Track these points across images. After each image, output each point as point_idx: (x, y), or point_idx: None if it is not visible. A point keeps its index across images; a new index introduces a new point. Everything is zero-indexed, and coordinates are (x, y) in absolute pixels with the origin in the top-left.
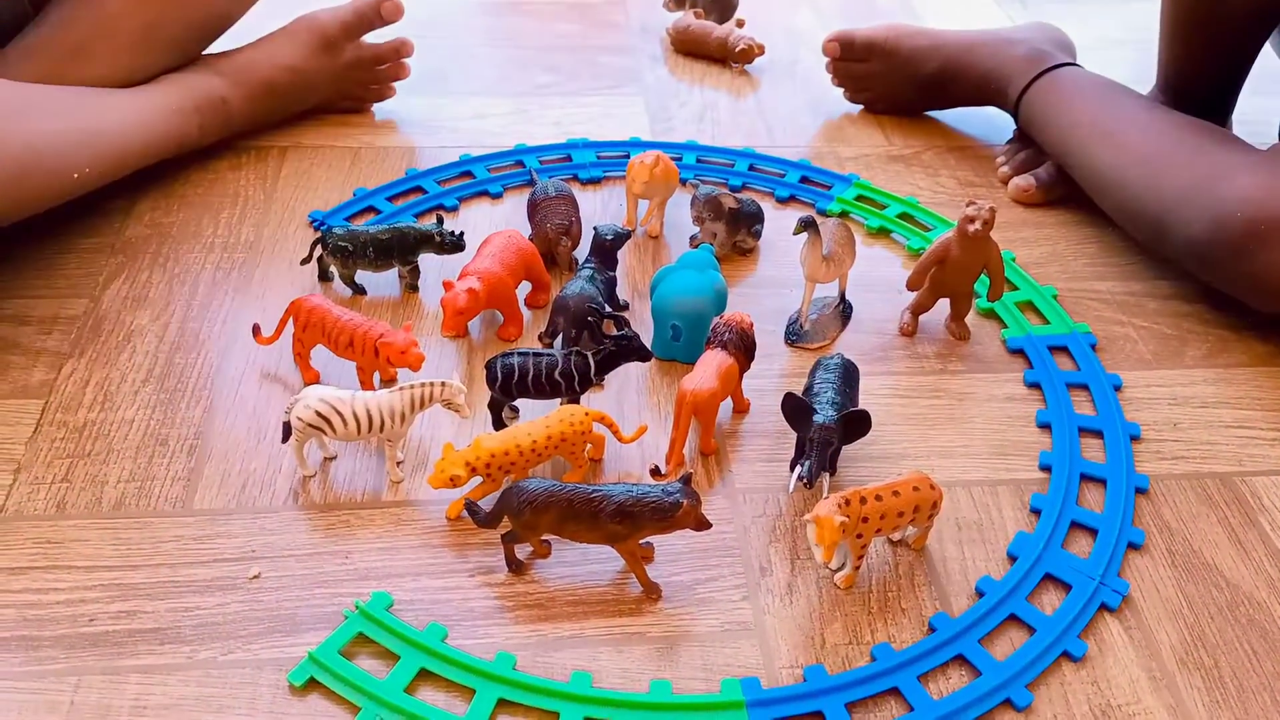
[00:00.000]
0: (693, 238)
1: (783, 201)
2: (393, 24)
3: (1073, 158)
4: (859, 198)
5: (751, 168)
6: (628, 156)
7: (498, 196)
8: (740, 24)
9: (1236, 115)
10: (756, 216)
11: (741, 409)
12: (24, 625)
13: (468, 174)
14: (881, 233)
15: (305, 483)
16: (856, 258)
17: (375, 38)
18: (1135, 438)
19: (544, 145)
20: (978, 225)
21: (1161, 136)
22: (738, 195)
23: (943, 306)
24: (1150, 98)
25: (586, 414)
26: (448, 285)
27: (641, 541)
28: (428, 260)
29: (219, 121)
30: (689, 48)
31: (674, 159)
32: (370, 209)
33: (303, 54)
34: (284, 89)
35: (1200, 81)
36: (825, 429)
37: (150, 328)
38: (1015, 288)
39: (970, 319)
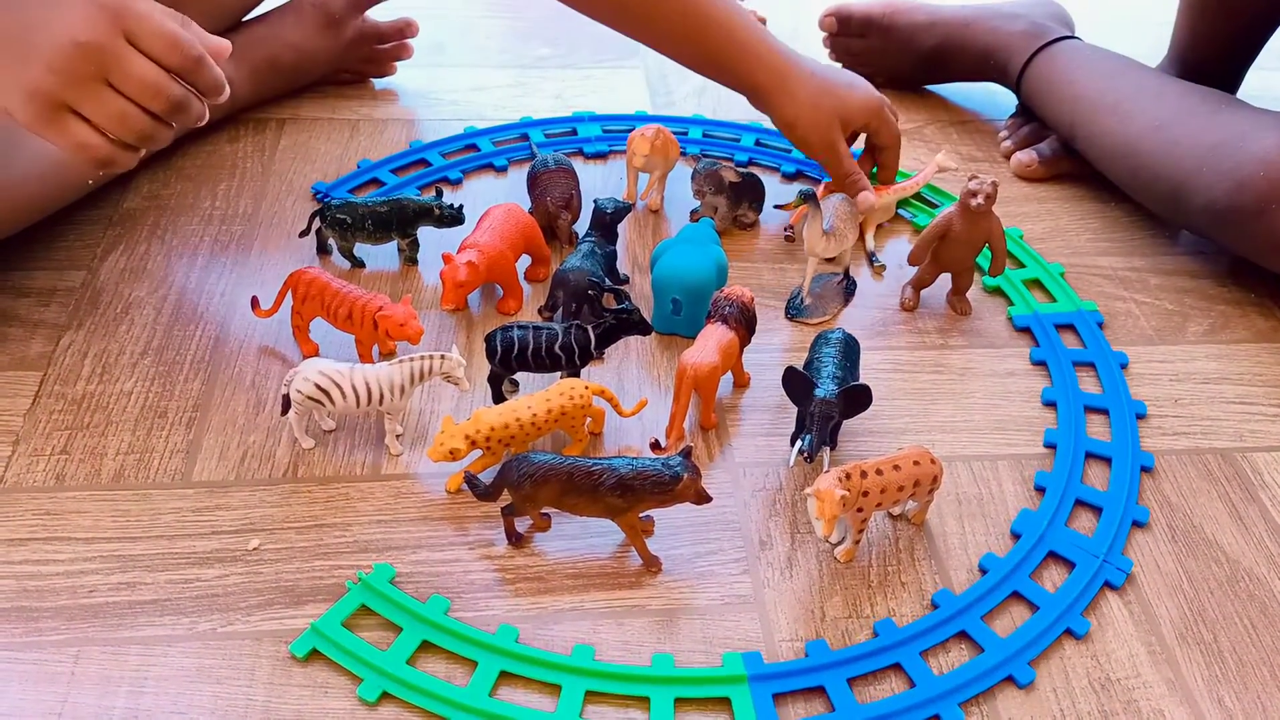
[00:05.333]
0: (693, 211)
1: (789, 177)
2: None
3: (1081, 129)
4: None
5: (758, 143)
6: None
7: (502, 170)
8: None
9: (1240, 91)
10: (758, 190)
11: (742, 383)
12: (24, 596)
13: (472, 147)
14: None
15: (305, 455)
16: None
17: (379, 13)
18: (1141, 416)
19: (550, 119)
20: (980, 200)
21: (1174, 103)
22: (738, 169)
23: (944, 282)
24: (1159, 70)
25: (587, 388)
26: (447, 258)
27: (642, 515)
28: (427, 233)
29: (223, 103)
30: None
31: (679, 134)
32: (374, 181)
33: (307, 31)
34: (288, 66)
35: (1215, 56)
36: (826, 403)
37: (148, 300)
38: (1022, 265)
39: (976, 296)
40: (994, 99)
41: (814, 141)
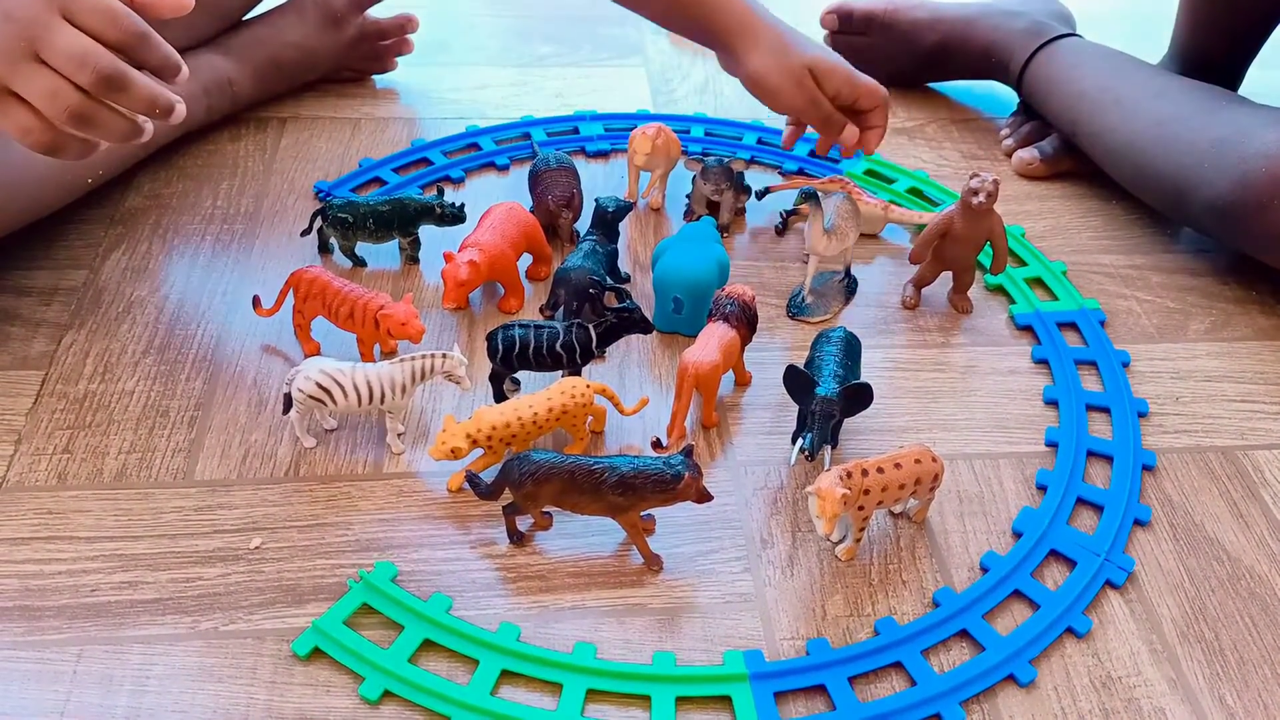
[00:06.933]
0: (688, 211)
1: (789, 175)
2: None
3: (1082, 127)
4: (868, 172)
5: (760, 141)
6: None
7: (504, 168)
8: None
9: (1242, 88)
10: (740, 175)
11: (743, 382)
12: (26, 595)
13: (473, 145)
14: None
15: (306, 454)
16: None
17: (379, 10)
18: (1142, 414)
19: (552, 117)
20: (981, 198)
21: (1176, 100)
22: (720, 158)
23: (946, 280)
24: (1160, 67)
25: (588, 386)
26: (448, 257)
27: (643, 513)
28: (428, 232)
29: (226, 103)
30: None
31: (681, 132)
32: (376, 179)
33: (309, 30)
34: (290, 66)
35: (1216, 52)
36: (827, 401)
37: (150, 299)
38: (1024, 263)
39: (977, 294)
40: (995, 96)
41: (785, 92)
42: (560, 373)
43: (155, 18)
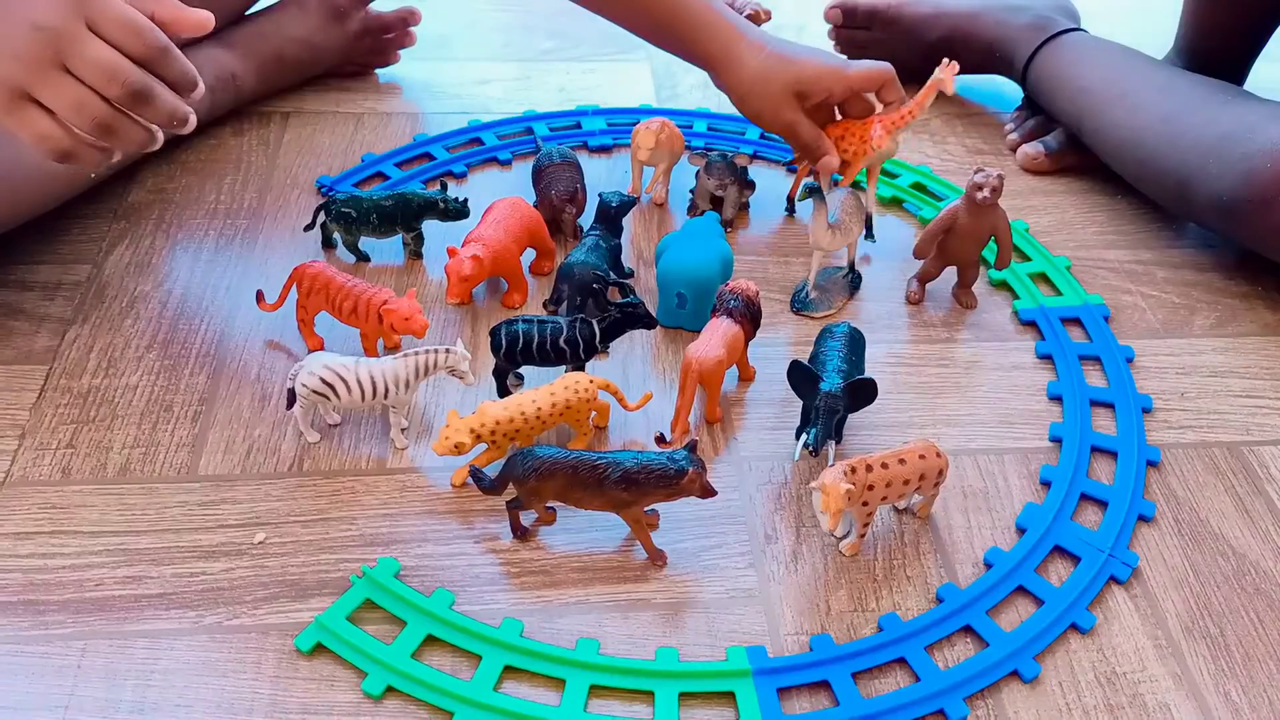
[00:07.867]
0: (691, 206)
1: (793, 170)
2: None
3: (1087, 122)
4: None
5: (762, 136)
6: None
7: (506, 163)
8: None
9: (1247, 83)
10: (744, 170)
11: (747, 377)
12: (31, 589)
13: (476, 140)
14: (894, 202)
15: (310, 449)
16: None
17: (383, 4)
18: (1147, 410)
19: (554, 112)
20: (986, 193)
21: (1181, 95)
22: (724, 153)
23: (950, 276)
24: (1165, 62)
25: (591, 381)
26: (452, 252)
27: (647, 509)
28: (432, 227)
29: (229, 98)
30: None
31: (684, 127)
32: (378, 174)
33: (313, 25)
34: (294, 61)
35: (1221, 47)
36: (831, 397)
37: (154, 294)
38: (1028, 258)
39: (981, 289)
40: (1000, 91)
41: (766, 115)
42: (564, 368)
43: (177, 34)
